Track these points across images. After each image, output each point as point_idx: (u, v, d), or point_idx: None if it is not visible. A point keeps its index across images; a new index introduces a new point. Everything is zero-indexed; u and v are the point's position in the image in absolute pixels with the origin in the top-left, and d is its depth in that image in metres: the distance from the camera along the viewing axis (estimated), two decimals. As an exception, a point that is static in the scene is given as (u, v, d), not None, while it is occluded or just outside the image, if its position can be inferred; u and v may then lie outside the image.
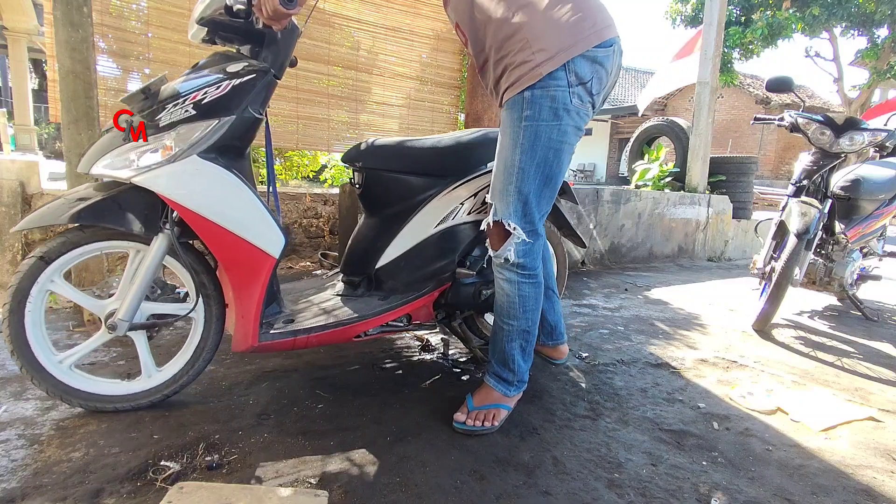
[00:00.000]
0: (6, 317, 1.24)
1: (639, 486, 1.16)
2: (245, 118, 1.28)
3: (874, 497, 1.18)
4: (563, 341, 1.68)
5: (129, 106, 1.26)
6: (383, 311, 1.55)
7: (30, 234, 2.61)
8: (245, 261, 1.30)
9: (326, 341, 1.49)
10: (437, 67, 3.78)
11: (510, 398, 1.43)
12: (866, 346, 2.30)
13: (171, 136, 1.22)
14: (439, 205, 1.63)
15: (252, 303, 1.32)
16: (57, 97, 2.21)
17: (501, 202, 1.31)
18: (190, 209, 1.22)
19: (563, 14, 1.22)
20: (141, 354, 1.37)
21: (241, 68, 1.26)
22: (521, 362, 1.43)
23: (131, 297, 1.28)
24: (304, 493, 1.04)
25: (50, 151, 12.61)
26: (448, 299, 1.64)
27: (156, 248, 1.29)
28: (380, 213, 1.72)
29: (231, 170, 1.27)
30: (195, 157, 1.22)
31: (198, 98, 1.22)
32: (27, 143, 8.63)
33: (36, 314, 1.26)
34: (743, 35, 11.71)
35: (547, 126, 1.24)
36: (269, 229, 1.31)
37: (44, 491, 1.04)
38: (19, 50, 8.62)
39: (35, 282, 1.25)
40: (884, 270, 3.07)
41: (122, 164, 1.22)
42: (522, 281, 1.35)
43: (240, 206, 1.28)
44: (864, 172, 2.54)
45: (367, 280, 1.69)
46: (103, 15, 2.44)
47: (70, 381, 1.31)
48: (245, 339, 1.34)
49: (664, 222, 4.29)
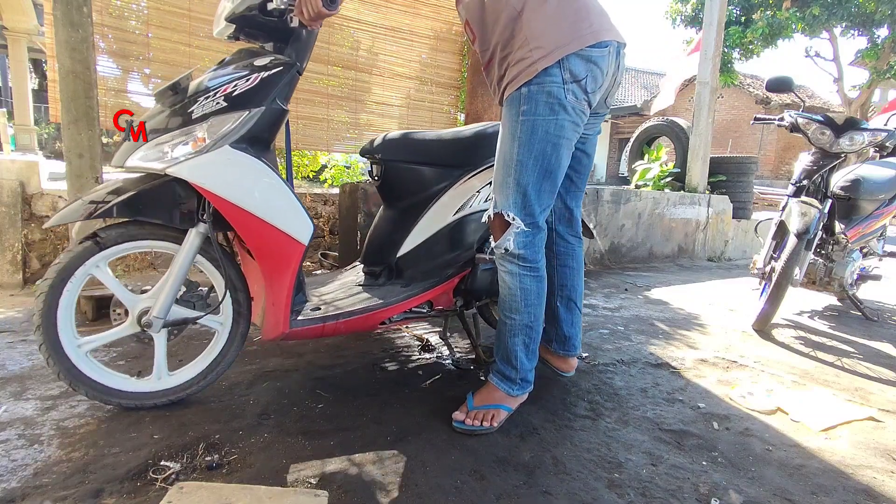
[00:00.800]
0: (44, 291, 1.25)
1: (639, 486, 1.16)
2: (273, 109, 1.31)
3: (874, 497, 1.18)
4: (573, 354, 1.67)
5: (159, 101, 1.30)
6: (406, 297, 1.60)
7: (30, 234, 2.61)
8: (276, 248, 1.32)
9: (353, 328, 1.54)
10: (437, 67, 3.79)
11: (512, 398, 1.43)
12: (866, 346, 2.30)
13: (203, 127, 1.24)
14: (456, 194, 1.69)
15: (283, 290, 1.35)
16: (57, 97, 2.21)
17: (501, 194, 1.35)
18: (223, 198, 1.25)
19: (563, 15, 1.28)
20: (157, 355, 1.37)
21: (268, 62, 1.30)
22: (524, 360, 1.43)
23: (165, 294, 1.31)
24: (304, 493, 1.04)
25: (50, 151, 12.60)
26: (467, 285, 1.70)
27: (189, 243, 1.31)
28: (399, 203, 1.78)
29: (261, 159, 1.30)
30: (227, 148, 1.25)
31: (228, 91, 1.26)
32: (27, 143, 8.62)
33: (71, 295, 1.28)
34: (743, 35, 11.70)
35: (544, 120, 1.28)
36: (298, 216, 1.34)
37: (44, 491, 1.04)
38: (19, 50, 8.61)
39: (83, 263, 1.27)
40: (884, 270, 3.07)
41: (156, 157, 1.24)
42: (524, 274, 1.37)
43: (270, 195, 1.30)
44: (864, 172, 2.54)
45: (387, 269, 1.74)
46: (103, 15, 2.44)
47: (83, 367, 1.31)
48: (276, 326, 1.37)
49: (664, 222, 4.29)
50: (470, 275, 1.69)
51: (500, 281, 1.42)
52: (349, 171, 4.76)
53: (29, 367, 1.62)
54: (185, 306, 1.38)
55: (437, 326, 2.21)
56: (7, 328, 1.97)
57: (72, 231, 2.22)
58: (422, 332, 2.12)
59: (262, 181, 1.29)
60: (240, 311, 1.43)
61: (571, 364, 1.69)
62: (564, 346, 1.66)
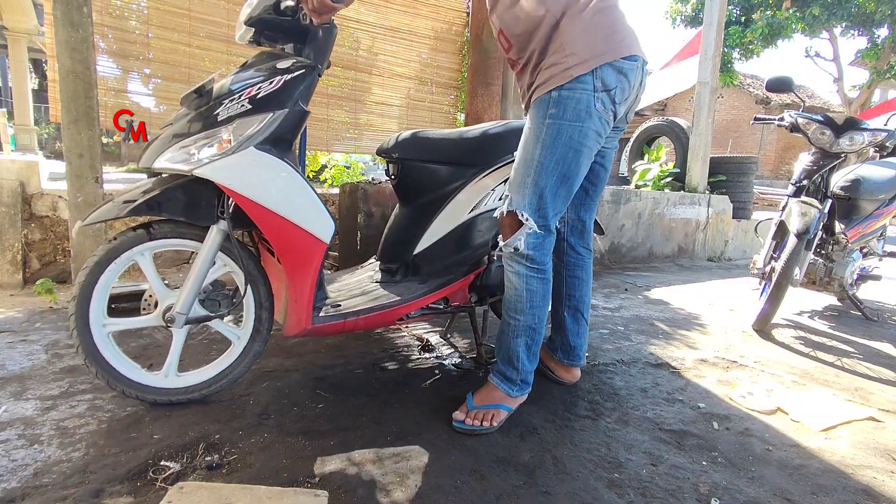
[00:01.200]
0: (90, 267, 1.30)
1: (639, 486, 1.16)
2: (296, 111, 1.35)
3: (874, 497, 1.18)
4: (577, 364, 1.68)
5: (184, 105, 1.34)
6: (423, 294, 1.63)
7: (30, 234, 2.61)
8: (299, 247, 1.36)
9: (373, 324, 1.58)
10: (437, 67, 3.78)
11: (512, 398, 1.43)
12: (866, 346, 2.30)
13: (229, 129, 1.28)
14: (471, 192, 1.72)
15: (305, 287, 1.38)
16: (57, 97, 2.21)
17: (518, 193, 1.36)
18: (249, 198, 1.28)
19: (600, 26, 1.32)
20: (172, 352, 1.39)
21: (290, 65, 1.33)
22: (525, 361, 1.43)
23: (188, 290, 1.34)
24: (304, 493, 1.04)
25: (50, 151, 12.61)
26: (483, 282, 1.74)
27: (210, 240, 1.34)
28: (414, 202, 1.81)
29: (284, 159, 1.33)
30: (252, 149, 1.28)
31: (253, 93, 1.29)
32: (27, 143, 8.62)
33: (111, 275, 1.33)
34: (743, 35, 11.70)
35: (569, 126, 1.30)
36: (321, 215, 1.37)
37: (44, 491, 1.04)
38: (19, 50, 8.61)
39: (131, 248, 1.33)
40: (884, 270, 3.06)
41: (183, 158, 1.27)
42: (531, 275, 1.38)
43: (294, 194, 1.33)
44: (864, 172, 2.54)
45: (404, 266, 1.77)
46: (103, 15, 2.44)
47: (102, 346, 1.34)
48: (298, 322, 1.40)
49: (664, 222, 4.29)
50: (485, 272, 1.73)
51: (507, 281, 1.43)
52: (349, 171, 4.75)
53: (29, 367, 1.62)
54: (212, 306, 1.41)
55: (437, 326, 2.21)
56: (7, 328, 1.97)
57: (72, 231, 2.22)
58: (422, 332, 2.13)
59: (285, 181, 1.33)
60: (259, 328, 1.44)
61: (575, 374, 1.70)
62: (569, 356, 1.67)
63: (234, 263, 1.41)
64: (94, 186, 2.21)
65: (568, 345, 1.66)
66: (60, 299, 2.30)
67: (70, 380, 1.54)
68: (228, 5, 2.74)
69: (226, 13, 2.74)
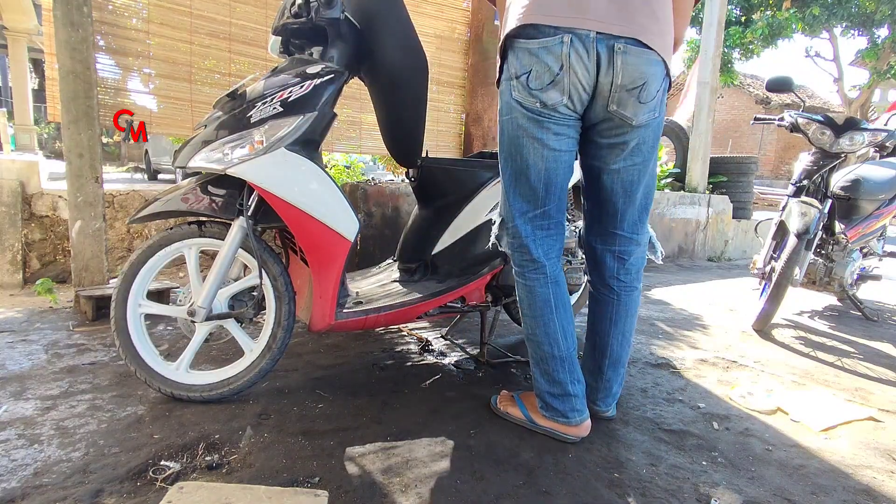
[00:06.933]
0: (143, 249, 1.39)
1: (639, 486, 1.16)
2: (324, 114, 1.40)
3: (874, 497, 1.18)
4: (603, 410, 1.44)
5: (217, 108, 1.40)
6: (442, 292, 1.68)
7: (30, 234, 2.61)
8: (325, 244, 1.40)
9: (393, 320, 1.64)
10: (441, 67, 3.77)
11: (537, 413, 1.36)
12: (866, 346, 2.30)
13: (261, 130, 1.33)
14: (489, 195, 1.77)
15: (330, 284, 1.43)
16: (55, 95, 2.20)
17: None
18: (279, 196, 1.33)
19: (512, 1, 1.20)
20: (189, 347, 1.43)
21: (319, 69, 1.39)
22: (536, 374, 1.35)
23: (209, 285, 1.37)
24: (304, 493, 1.04)
25: (50, 151, 12.61)
26: (499, 282, 1.78)
27: (232, 236, 1.38)
28: (434, 204, 1.88)
29: (312, 160, 1.38)
30: (283, 150, 1.33)
31: (284, 96, 1.34)
32: (27, 142, 8.61)
33: (159, 260, 1.41)
34: (743, 35, 11.69)
35: (504, 120, 1.26)
36: (347, 214, 1.42)
37: (44, 491, 1.04)
38: (19, 50, 8.61)
39: (182, 240, 1.41)
40: (884, 270, 3.06)
41: (217, 158, 1.33)
42: (518, 279, 1.36)
43: (321, 194, 1.38)
44: (864, 172, 2.54)
45: (423, 266, 1.83)
46: (103, 12, 2.44)
47: (132, 325, 1.40)
48: (323, 318, 1.45)
49: (664, 222, 4.29)
50: (501, 273, 1.76)
51: None
52: (349, 171, 4.75)
53: (29, 367, 1.62)
54: (238, 308, 1.45)
55: (437, 327, 2.21)
56: (7, 328, 1.97)
57: (71, 231, 2.22)
58: (422, 333, 2.12)
59: (313, 181, 1.37)
60: (271, 345, 1.44)
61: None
62: (605, 401, 1.44)
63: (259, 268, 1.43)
64: (94, 186, 2.21)
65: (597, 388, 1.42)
66: (60, 299, 2.30)
67: (70, 380, 1.54)
68: (230, 2, 2.73)
69: (227, 10, 2.73)
